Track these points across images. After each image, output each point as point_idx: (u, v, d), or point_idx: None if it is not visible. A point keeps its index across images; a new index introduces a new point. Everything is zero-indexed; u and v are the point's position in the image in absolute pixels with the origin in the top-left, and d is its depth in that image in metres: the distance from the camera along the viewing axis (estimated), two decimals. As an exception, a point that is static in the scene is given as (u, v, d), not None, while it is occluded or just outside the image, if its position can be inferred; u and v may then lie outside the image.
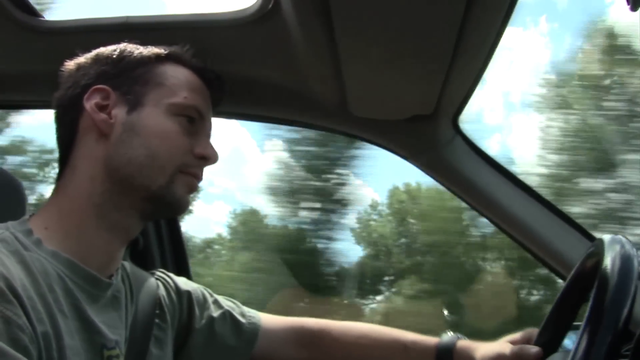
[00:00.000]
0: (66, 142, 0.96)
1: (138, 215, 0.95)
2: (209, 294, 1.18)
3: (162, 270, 1.16)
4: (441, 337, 1.14)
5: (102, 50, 0.99)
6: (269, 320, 1.20)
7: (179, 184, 0.95)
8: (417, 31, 0.93)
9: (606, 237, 0.82)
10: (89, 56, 0.98)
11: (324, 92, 1.21)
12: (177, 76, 0.98)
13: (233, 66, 1.19)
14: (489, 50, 1.01)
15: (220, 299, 1.19)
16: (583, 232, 1.28)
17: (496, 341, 1.08)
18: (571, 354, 0.71)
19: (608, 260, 0.76)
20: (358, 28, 0.94)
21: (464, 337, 1.14)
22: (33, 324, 0.74)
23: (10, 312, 0.71)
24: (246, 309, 1.20)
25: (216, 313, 1.15)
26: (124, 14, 1.16)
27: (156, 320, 1.04)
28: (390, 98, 1.18)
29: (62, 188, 0.93)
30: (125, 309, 0.97)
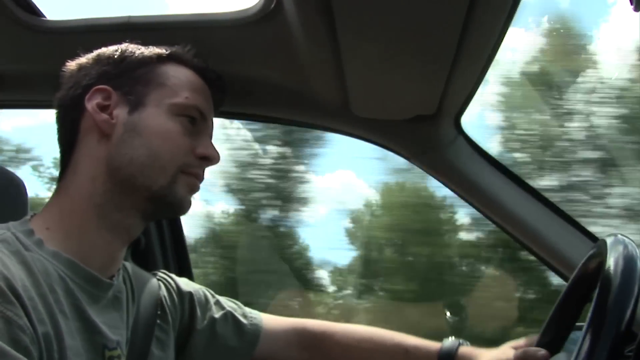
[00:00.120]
0: (67, 143, 0.95)
1: (139, 215, 0.95)
2: (211, 294, 1.18)
3: (163, 271, 1.16)
4: (443, 342, 1.14)
5: (104, 50, 0.98)
6: (270, 321, 1.20)
7: (180, 184, 0.95)
8: (420, 31, 0.93)
9: (609, 238, 0.82)
10: (90, 56, 0.98)
11: (326, 92, 1.21)
12: (178, 76, 0.98)
13: (235, 66, 1.19)
14: (492, 50, 1.01)
15: (222, 299, 1.19)
16: (586, 233, 1.28)
17: (498, 347, 1.08)
18: (574, 354, 0.71)
19: (611, 261, 0.76)
20: (360, 28, 0.94)
21: (466, 342, 1.14)
22: (34, 324, 0.74)
23: (11, 313, 0.71)
24: (248, 310, 1.20)
25: (218, 314, 1.15)
26: (126, 13, 1.16)
27: (158, 321, 1.04)
28: (392, 98, 1.18)
29: (64, 188, 0.93)
30: (126, 309, 0.97)
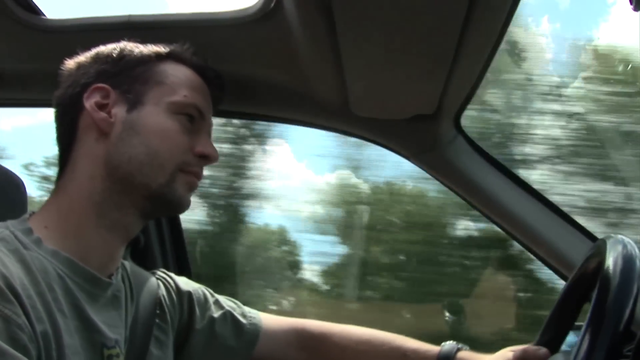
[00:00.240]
0: (66, 141, 0.95)
1: (138, 214, 0.95)
2: (210, 294, 1.18)
3: (162, 270, 1.16)
4: (442, 345, 1.13)
5: (102, 48, 0.98)
6: (270, 320, 1.20)
7: (179, 182, 0.95)
8: (419, 30, 0.92)
9: (608, 238, 0.82)
10: (88, 55, 0.98)
11: (326, 91, 1.21)
12: (177, 75, 0.98)
13: (235, 65, 1.19)
14: (491, 50, 1.01)
15: (221, 299, 1.19)
16: (585, 232, 1.28)
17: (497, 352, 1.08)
18: (573, 354, 0.71)
19: (610, 261, 0.76)
20: (360, 27, 0.93)
21: (465, 346, 1.14)
22: (32, 323, 0.74)
23: (9, 311, 0.71)
24: (247, 309, 1.20)
25: (217, 313, 1.15)
26: (126, 13, 1.16)
27: (157, 321, 1.04)
28: (392, 97, 1.18)
29: (62, 187, 0.93)
30: (125, 308, 0.97)
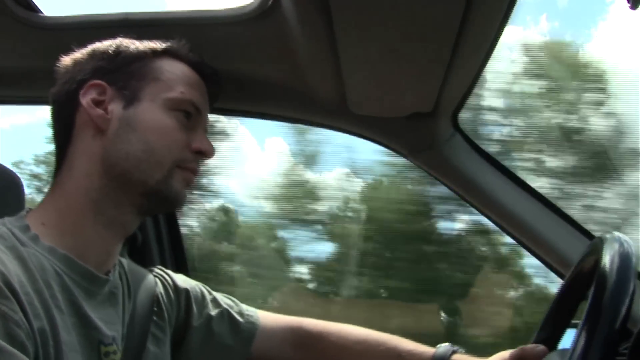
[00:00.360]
0: (63, 138, 0.95)
1: (136, 210, 0.95)
2: (208, 291, 1.18)
3: (160, 268, 1.16)
4: (437, 347, 1.13)
5: (98, 45, 0.98)
6: (267, 319, 1.20)
7: (176, 179, 0.95)
8: (417, 28, 0.92)
9: (605, 236, 0.82)
10: (84, 51, 0.98)
11: (324, 89, 1.21)
12: (173, 71, 0.98)
13: (233, 63, 1.19)
14: (489, 48, 1.01)
15: (219, 296, 1.19)
16: (582, 231, 1.28)
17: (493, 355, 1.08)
18: (569, 352, 0.71)
19: (606, 259, 0.76)
20: (358, 25, 0.93)
21: (461, 348, 1.13)
22: (30, 319, 0.74)
23: (6, 308, 0.71)
24: (245, 307, 1.20)
25: (214, 311, 1.14)
26: (124, 10, 1.15)
27: (154, 318, 1.03)
28: (389, 95, 1.18)
29: (59, 184, 0.93)
30: (122, 305, 0.97)
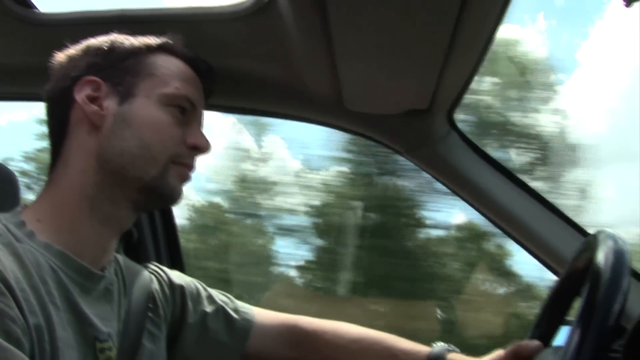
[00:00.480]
0: (57, 135, 0.95)
1: (131, 206, 0.95)
2: (203, 288, 1.18)
3: (155, 264, 1.16)
4: (432, 347, 1.13)
5: (93, 41, 0.98)
6: (263, 316, 1.20)
7: (171, 174, 0.95)
8: (413, 25, 0.92)
9: (599, 233, 0.82)
10: (79, 48, 0.98)
11: (319, 86, 1.21)
12: (168, 66, 0.98)
13: (228, 59, 1.19)
14: (485, 45, 1.01)
15: (214, 293, 1.19)
16: (577, 228, 1.28)
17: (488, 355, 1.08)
18: (563, 349, 0.72)
19: (600, 256, 0.76)
20: (354, 22, 0.93)
21: (456, 348, 1.13)
22: (25, 316, 0.74)
23: (2, 304, 0.71)
24: (240, 304, 1.19)
25: (209, 308, 1.14)
26: (120, 6, 1.15)
27: (149, 315, 1.03)
28: (385, 92, 1.18)
29: (55, 181, 0.93)
30: (118, 301, 0.97)
